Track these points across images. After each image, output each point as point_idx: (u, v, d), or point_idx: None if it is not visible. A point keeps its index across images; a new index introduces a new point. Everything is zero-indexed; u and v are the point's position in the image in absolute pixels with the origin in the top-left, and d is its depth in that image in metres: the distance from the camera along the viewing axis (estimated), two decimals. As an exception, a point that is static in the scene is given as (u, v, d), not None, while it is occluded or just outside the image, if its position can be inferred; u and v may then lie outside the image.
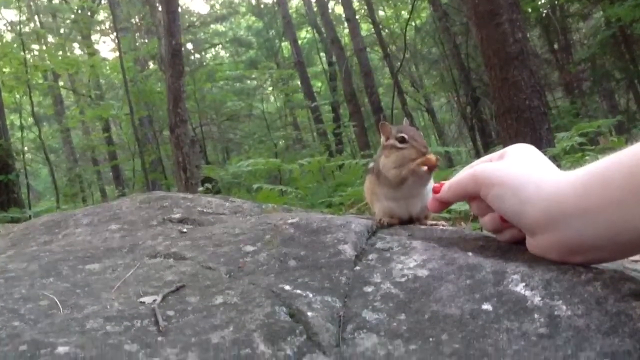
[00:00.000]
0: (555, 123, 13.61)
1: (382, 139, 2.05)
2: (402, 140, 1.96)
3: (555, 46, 22.20)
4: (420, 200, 2.03)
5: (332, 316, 1.29)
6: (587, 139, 8.00)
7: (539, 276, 1.34)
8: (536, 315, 1.21)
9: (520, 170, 1.43)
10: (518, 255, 1.50)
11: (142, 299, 1.40)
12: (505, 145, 7.30)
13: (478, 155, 16.60)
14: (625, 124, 17.21)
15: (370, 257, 1.61)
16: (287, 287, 1.42)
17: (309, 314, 1.28)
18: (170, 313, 1.31)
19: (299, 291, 1.39)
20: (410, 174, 1.96)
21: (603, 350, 1.09)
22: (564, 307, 1.22)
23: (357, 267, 1.55)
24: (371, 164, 2.17)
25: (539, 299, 1.26)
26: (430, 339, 1.19)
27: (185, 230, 2.14)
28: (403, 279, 1.44)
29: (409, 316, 1.27)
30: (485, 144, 19.06)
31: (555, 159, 6.89)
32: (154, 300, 1.37)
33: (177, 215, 2.37)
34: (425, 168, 1.94)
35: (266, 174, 13.48)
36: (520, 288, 1.31)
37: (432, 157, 1.95)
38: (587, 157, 7.07)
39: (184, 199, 2.65)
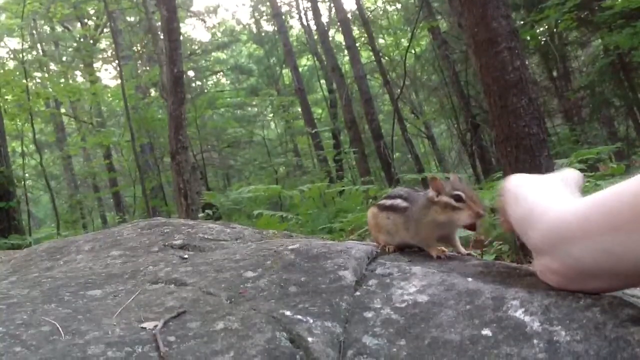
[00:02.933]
0: (554, 150, 13.63)
1: (431, 193, 1.88)
2: (458, 199, 1.83)
3: (554, 74, 22.32)
4: None
5: (332, 341, 1.30)
6: (587, 166, 8.01)
7: (538, 302, 1.34)
8: (535, 341, 1.21)
9: (535, 196, 1.47)
10: (517, 281, 1.51)
11: (143, 325, 1.41)
12: (505, 172, 7.31)
13: (478, 182, 16.62)
14: (625, 150, 17.22)
15: (370, 282, 1.62)
16: (288, 313, 1.42)
17: (310, 339, 1.29)
18: (172, 339, 1.32)
19: (299, 317, 1.40)
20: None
21: (602, 375, 1.10)
22: (563, 333, 1.22)
23: (357, 293, 1.55)
24: (387, 202, 2.05)
25: (538, 324, 1.27)
26: (430, 365, 1.20)
27: (186, 256, 2.15)
28: (403, 305, 1.44)
29: (409, 342, 1.28)
30: (485, 171, 19.06)
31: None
32: (155, 326, 1.37)
33: (178, 242, 2.38)
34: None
35: (267, 200, 13.48)
36: (519, 313, 1.32)
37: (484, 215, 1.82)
38: (587, 184, 7.07)
39: (185, 226, 2.66)
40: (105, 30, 26.20)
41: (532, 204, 1.44)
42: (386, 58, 27.32)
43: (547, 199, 1.43)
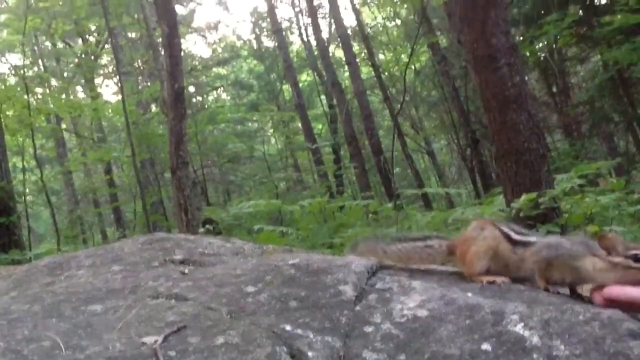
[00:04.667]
0: (554, 165, 13.64)
1: (601, 251, 1.80)
2: (638, 259, 1.76)
3: (554, 89, 22.36)
4: None
5: (332, 356, 1.30)
6: (587, 181, 8.02)
7: (537, 316, 1.35)
8: (535, 355, 1.22)
9: None
10: (517, 296, 1.51)
11: (143, 340, 1.41)
12: (505, 187, 7.31)
13: (478, 197, 16.61)
14: (625, 166, 17.21)
15: (370, 297, 1.62)
16: (288, 327, 1.42)
17: (310, 354, 1.29)
18: (172, 353, 1.32)
19: (299, 331, 1.40)
20: None
21: (601, 390, 1.10)
22: (562, 347, 1.22)
23: (358, 308, 1.55)
24: (517, 237, 1.94)
25: (538, 338, 1.27)
26: (430, 379, 1.20)
27: (186, 271, 2.15)
28: (403, 319, 1.44)
29: (409, 356, 1.28)
30: (485, 186, 19.06)
31: (555, 200, 6.89)
32: (156, 341, 1.38)
33: (179, 257, 2.38)
34: None
35: (267, 215, 13.49)
36: (519, 328, 1.32)
37: None
38: (587, 199, 7.08)
39: (185, 241, 2.66)
40: (106, 46, 26.33)
41: None
42: (386, 74, 27.41)
43: None
